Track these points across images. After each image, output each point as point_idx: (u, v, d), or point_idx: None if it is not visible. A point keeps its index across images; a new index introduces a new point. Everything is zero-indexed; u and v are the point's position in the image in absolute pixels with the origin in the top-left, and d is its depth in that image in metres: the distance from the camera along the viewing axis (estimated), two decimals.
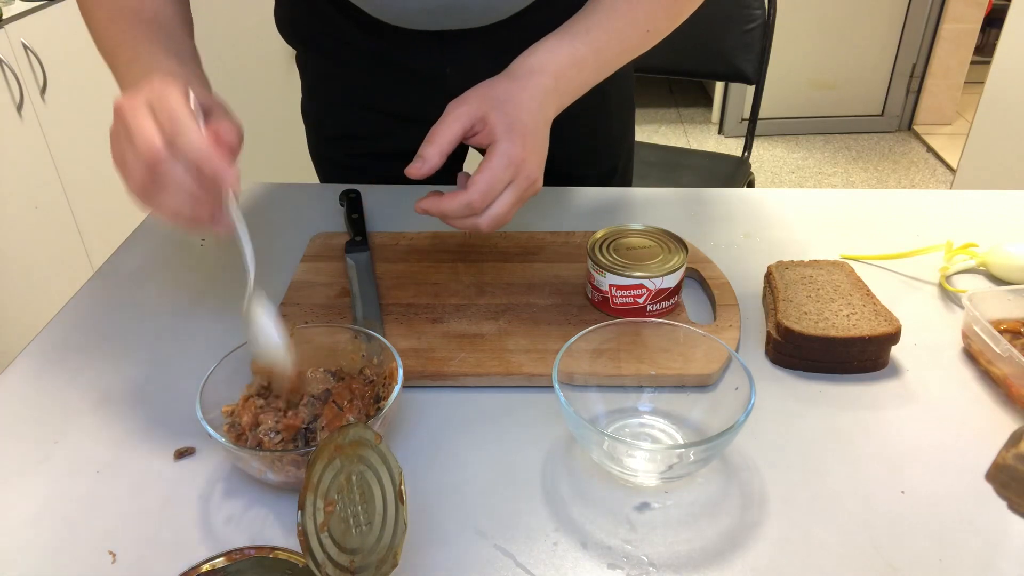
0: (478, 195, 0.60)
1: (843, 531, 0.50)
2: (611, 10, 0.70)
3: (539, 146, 0.64)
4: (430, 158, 0.61)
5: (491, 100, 0.63)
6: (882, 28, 3.20)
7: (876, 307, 0.65)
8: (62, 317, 0.73)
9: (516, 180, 0.62)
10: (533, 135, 0.63)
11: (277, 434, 0.54)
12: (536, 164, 0.63)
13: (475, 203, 0.60)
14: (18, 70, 1.83)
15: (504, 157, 0.61)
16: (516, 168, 0.61)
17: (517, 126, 0.62)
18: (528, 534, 0.50)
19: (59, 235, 2.01)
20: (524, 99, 0.64)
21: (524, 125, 0.62)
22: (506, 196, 0.62)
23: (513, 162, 0.61)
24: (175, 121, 0.53)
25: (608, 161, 1.02)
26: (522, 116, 0.63)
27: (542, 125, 0.65)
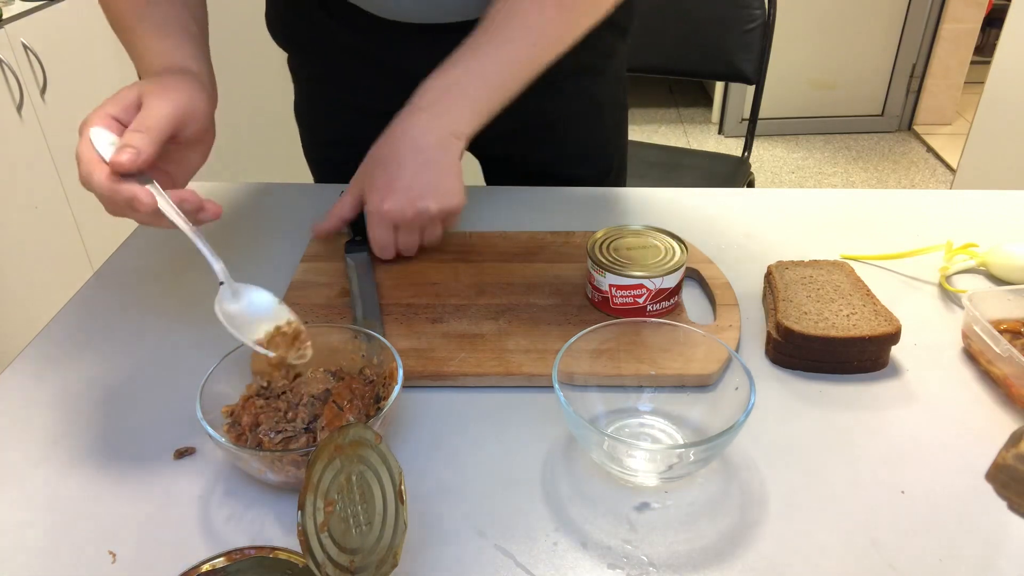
0: (378, 248, 0.74)
1: (843, 531, 0.50)
2: (497, 27, 0.74)
3: (410, 183, 0.71)
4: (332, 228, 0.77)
5: (361, 174, 0.75)
6: (882, 28, 3.20)
7: (876, 307, 0.65)
8: (62, 317, 0.73)
9: (402, 221, 0.72)
10: (398, 180, 0.71)
11: (277, 434, 0.54)
12: (407, 206, 0.71)
13: (382, 250, 0.74)
14: (18, 70, 1.83)
15: (372, 218, 0.73)
16: (386, 219, 0.72)
17: (376, 184, 0.72)
18: (528, 534, 0.50)
19: (59, 235, 2.01)
20: (386, 151, 0.73)
21: (385, 178, 0.72)
22: (402, 236, 0.74)
23: (378, 218, 0.72)
24: (81, 170, 0.59)
25: (602, 162, 1.02)
26: (380, 171, 0.72)
27: (413, 157, 0.72)
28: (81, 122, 0.61)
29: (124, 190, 0.57)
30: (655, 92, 3.87)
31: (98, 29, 2.12)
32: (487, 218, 0.87)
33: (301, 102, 1.01)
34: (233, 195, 0.94)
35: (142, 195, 0.57)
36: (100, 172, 0.58)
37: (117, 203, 0.58)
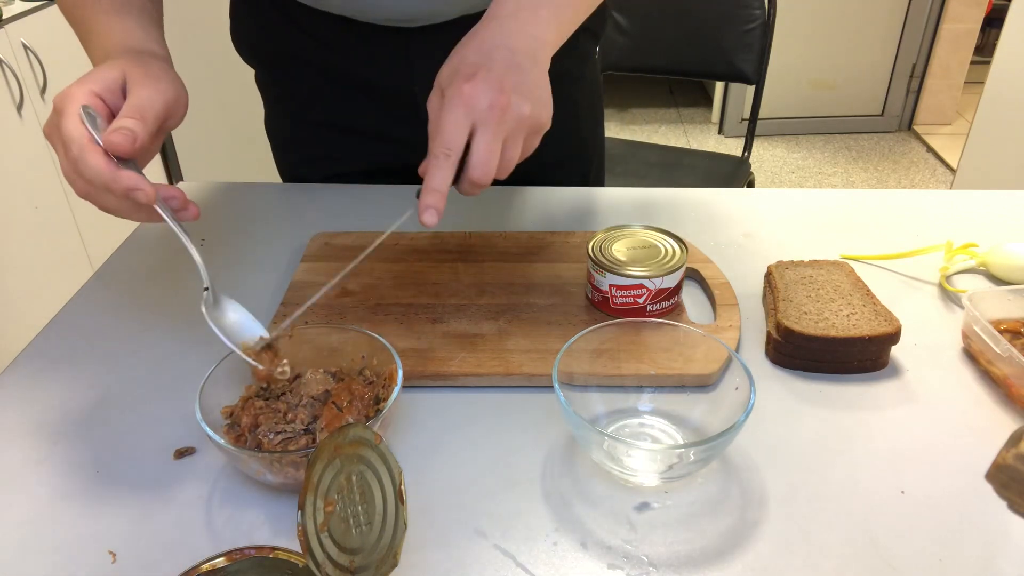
0: (440, 148, 0.55)
1: (843, 531, 0.50)
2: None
3: (503, 77, 0.56)
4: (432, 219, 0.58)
5: (441, 72, 0.60)
6: (882, 28, 3.20)
7: (876, 307, 0.65)
8: (62, 317, 0.73)
9: (480, 116, 0.55)
10: (487, 70, 0.56)
11: (277, 435, 0.54)
12: (499, 92, 0.55)
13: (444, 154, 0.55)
14: (18, 70, 1.83)
15: (448, 102, 0.56)
16: (467, 103, 0.55)
17: (462, 68, 0.57)
18: (528, 534, 0.50)
19: (59, 235, 2.01)
20: (470, 47, 0.59)
21: (472, 65, 0.57)
22: (481, 136, 0.56)
23: (457, 103, 0.55)
24: (70, 150, 0.54)
25: (579, 167, 1.01)
26: (467, 59, 0.58)
27: (505, 57, 0.58)
28: (58, 96, 0.56)
29: (125, 177, 0.53)
30: (655, 92, 3.87)
31: None
32: (487, 218, 0.87)
33: (270, 119, 0.98)
34: (233, 195, 0.94)
35: (145, 185, 0.54)
36: (96, 154, 0.53)
37: (113, 192, 0.54)
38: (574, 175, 0.99)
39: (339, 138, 0.94)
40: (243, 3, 0.89)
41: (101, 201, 0.56)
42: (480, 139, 0.56)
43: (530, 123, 0.58)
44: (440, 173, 0.56)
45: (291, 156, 1.00)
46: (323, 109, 0.92)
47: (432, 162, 0.56)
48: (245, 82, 0.97)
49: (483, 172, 0.56)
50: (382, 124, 0.91)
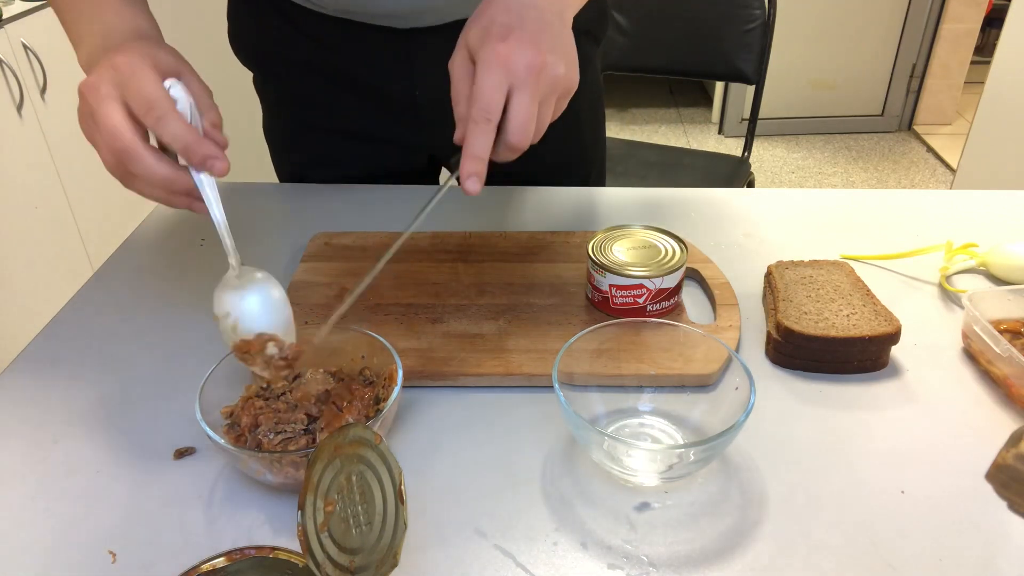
0: (480, 111, 0.53)
1: (843, 531, 0.50)
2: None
3: (537, 36, 0.55)
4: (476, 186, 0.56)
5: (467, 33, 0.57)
6: (882, 28, 3.20)
7: (876, 307, 0.65)
8: (62, 317, 0.73)
9: (518, 77, 0.53)
10: (519, 30, 0.54)
11: (276, 435, 0.54)
12: (535, 52, 0.54)
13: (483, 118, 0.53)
14: (18, 70, 1.83)
15: (483, 65, 0.54)
16: (504, 65, 0.53)
17: (493, 30, 0.55)
18: (528, 534, 0.50)
19: (59, 235, 2.01)
20: (498, 6, 0.57)
21: (502, 26, 0.55)
22: (519, 99, 0.54)
23: (493, 64, 0.53)
24: (154, 108, 0.53)
25: (580, 171, 1.01)
26: (497, 19, 0.56)
27: (534, 16, 0.56)
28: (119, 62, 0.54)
29: (207, 144, 0.53)
30: (655, 92, 3.87)
31: None
32: (487, 218, 0.87)
33: (269, 122, 0.98)
34: (233, 195, 0.94)
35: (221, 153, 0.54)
36: (180, 119, 0.53)
37: (195, 153, 0.53)
38: (575, 179, 0.99)
39: (339, 142, 0.94)
40: (242, 5, 0.89)
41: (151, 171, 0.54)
42: (518, 101, 0.54)
43: (564, 84, 0.56)
44: (482, 138, 0.54)
45: (290, 159, 0.99)
46: (323, 113, 0.91)
47: (472, 127, 0.54)
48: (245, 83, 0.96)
49: (522, 136, 0.54)
50: (383, 127, 0.91)
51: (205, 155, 0.53)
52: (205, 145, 0.54)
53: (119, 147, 0.53)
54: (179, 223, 0.88)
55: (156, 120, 0.53)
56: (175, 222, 0.88)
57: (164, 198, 0.56)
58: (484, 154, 0.54)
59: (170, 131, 0.53)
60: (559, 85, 0.56)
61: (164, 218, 0.89)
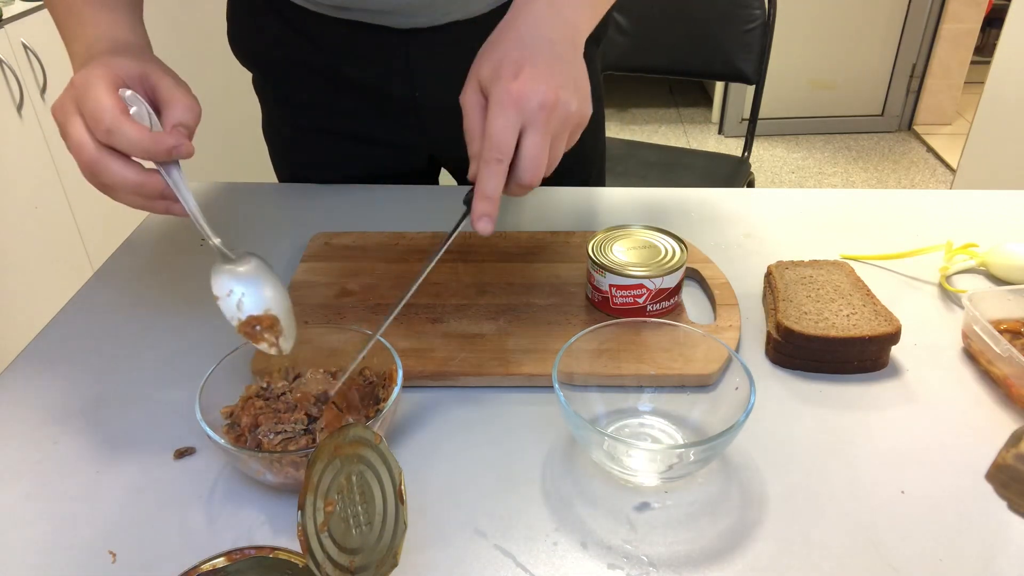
0: (493, 151, 0.53)
1: (843, 531, 0.50)
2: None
3: (549, 72, 0.55)
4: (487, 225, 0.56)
5: (479, 63, 0.58)
6: (882, 28, 3.20)
7: (876, 307, 0.65)
8: (62, 317, 0.73)
9: (530, 116, 0.54)
10: (531, 66, 0.55)
11: (276, 435, 0.54)
12: (548, 90, 0.54)
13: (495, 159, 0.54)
14: (18, 70, 1.83)
15: (495, 104, 0.54)
16: (516, 104, 0.53)
17: (505, 67, 0.55)
18: (528, 534, 0.50)
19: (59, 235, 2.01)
20: (510, 40, 0.57)
21: (514, 63, 0.55)
22: (531, 138, 0.54)
23: (506, 103, 0.53)
24: (102, 120, 0.53)
25: (579, 173, 1.00)
26: (509, 55, 0.56)
27: (551, 51, 0.57)
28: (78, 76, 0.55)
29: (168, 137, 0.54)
30: (655, 92, 3.87)
31: None
32: None
33: (268, 123, 0.98)
34: (233, 195, 0.94)
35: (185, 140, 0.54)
36: (133, 123, 0.53)
37: (155, 155, 0.54)
38: (575, 179, 0.99)
39: (338, 143, 0.94)
40: (240, 6, 0.89)
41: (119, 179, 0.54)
42: (530, 140, 0.54)
43: (576, 119, 0.57)
44: (493, 180, 0.54)
45: (289, 161, 0.99)
46: (322, 114, 0.91)
47: (484, 168, 0.54)
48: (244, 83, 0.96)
49: (534, 175, 0.55)
50: (382, 128, 0.91)
51: (168, 147, 0.54)
52: (163, 139, 0.54)
53: (86, 160, 0.54)
54: (179, 223, 0.88)
55: (106, 132, 0.53)
56: (175, 222, 0.88)
57: (142, 204, 0.57)
58: (496, 194, 0.54)
59: (123, 140, 0.53)
60: (571, 120, 0.56)
61: (164, 219, 0.89)
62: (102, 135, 0.53)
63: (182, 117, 0.56)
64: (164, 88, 0.57)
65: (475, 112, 0.56)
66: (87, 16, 0.63)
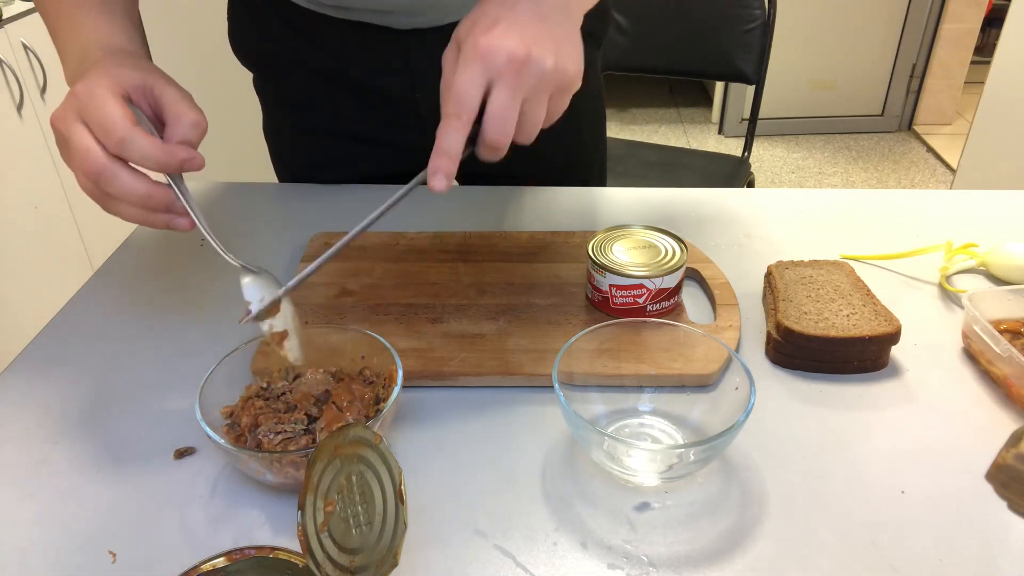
0: (452, 105, 0.51)
1: (843, 531, 0.50)
2: None
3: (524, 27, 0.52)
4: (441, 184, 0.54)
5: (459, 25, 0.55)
6: (882, 28, 3.20)
7: (876, 307, 0.65)
8: (62, 317, 0.73)
9: (496, 71, 0.50)
10: (507, 21, 0.52)
11: (276, 435, 0.54)
12: (518, 44, 0.50)
13: (455, 113, 0.51)
14: (18, 70, 1.83)
15: (463, 57, 0.51)
16: (483, 58, 0.50)
17: (480, 23, 0.52)
18: (528, 534, 0.50)
19: (59, 235, 2.01)
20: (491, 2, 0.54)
21: (491, 19, 0.52)
22: (496, 94, 0.51)
23: (475, 52, 0.50)
24: (114, 132, 0.52)
25: (581, 173, 1.00)
26: (490, 11, 0.53)
27: (530, 8, 0.53)
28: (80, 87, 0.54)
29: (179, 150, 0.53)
30: (655, 92, 3.87)
31: None
32: (487, 218, 0.87)
33: (269, 123, 0.98)
34: (233, 195, 0.94)
35: (196, 153, 0.53)
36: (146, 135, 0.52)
37: (169, 166, 0.53)
38: (576, 179, 0.99)
39: (338, 144, 0.94)
40: (241, 6, 0.89)
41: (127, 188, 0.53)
42: (496, 97, 0.51)
43: (555, 79, 0.52)
44: (452, 134, 0.51)
45: (289, 161, 0.99)
46: (322, 114, 0.91)
47: (443, 123, 0.51)
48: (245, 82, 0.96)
49: (499, 133, 0.51)
50: (382, 130, 0.91)
51: (181, 160, 0.53)
52: (176, 151, 0.53)
53: (93, 168, 0.52)
54: None
55: (118, 143, 0.52)
56: None
57: (143, 218, 0.55)
58: (454, 151, 0.52)
59: (137, 150, 0.52)
60: (548, 80, 0.52)
61: None
62: (113, 146, 0.52)
63: (188, 134, 0.55)
64: (169, 101, 0.56)
65: (448, 68, 0.53)
66: (79, 19, 0.62)
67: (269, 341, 0.56)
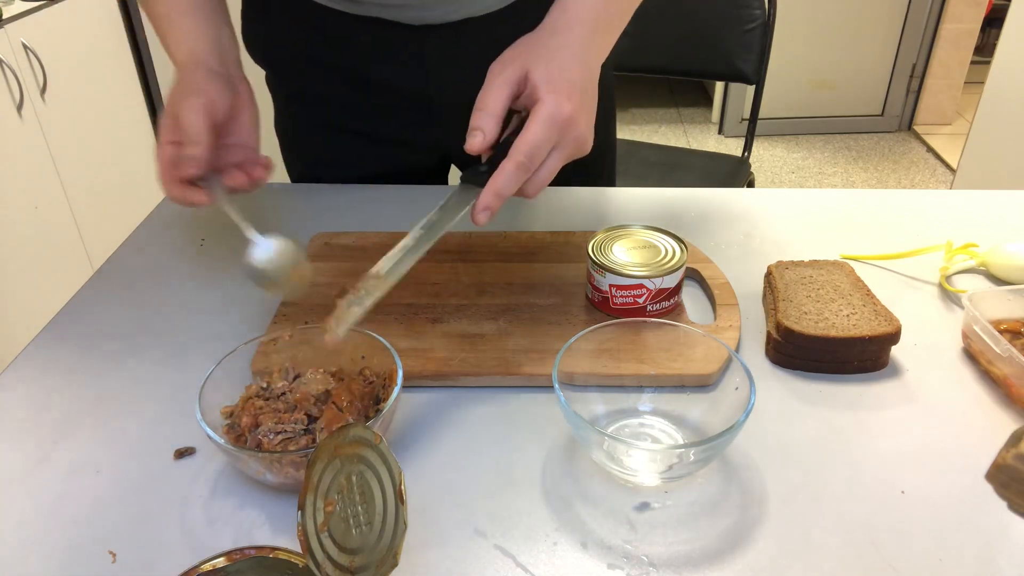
0: (525, 157, 0.56)
1: (843, 531, 0.50)
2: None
3: (587, 103, 0.60)
4: (488, 129, 0.58)
5: (531, 56, 0.60)
6: (882, 28, 3.20)
7: (876, 307, 0.65)
8: (62, 317, 0.73)
9: (563, 141, 0.58)
10: (580, 92, 0.59)
11: (276, 435, 0.54)
12: (585, 122, 0.59)
13: (523, 165, 0.56)
14: (18, 70, 1.83)
15: (547, 117, 0.57)
16: (561, 128, 0.57)
17: (560, 84, 0.58)
18: (528, 534, 0.50)
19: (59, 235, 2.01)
20: (565, 56, 0.60)
21: (568, 82, 0.58)
22: (552, 159, 0.58)
23: (557, 121, 0.57)
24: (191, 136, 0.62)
25: (593, 168, 1.00)
26: (565, 73, 0.59)
27: (588, 80, 0.61)
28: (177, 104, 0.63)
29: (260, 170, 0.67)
30: (655, 92, 3.87)
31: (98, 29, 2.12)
32: None
33: (281, 120, 0.98)
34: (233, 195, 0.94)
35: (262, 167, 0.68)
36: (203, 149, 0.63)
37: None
38: (587, 175, 0.99)
39: (350, 140, 0.94)
40: (254, 4, 0.89)
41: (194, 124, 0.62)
42: (552, 162, 0.58)
43: (582, 153, 0.61)
44: (512, 182, 0.57)
45: (301, 158, 0.99)
46: (334, 111, 0.91)
47: (509, 167, 0.56)
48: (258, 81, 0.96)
49: (537, 190, 0.59)
50: (395, 126, 0.91)
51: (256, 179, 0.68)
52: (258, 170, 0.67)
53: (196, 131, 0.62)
54: (179, 224, 0.88)
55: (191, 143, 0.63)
56: (175, 222, 0.88)
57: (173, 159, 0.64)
58: (506, 193, 0.57)
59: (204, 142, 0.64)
60: (580, 153, 0.61)
61: (164, 218, 0.89)
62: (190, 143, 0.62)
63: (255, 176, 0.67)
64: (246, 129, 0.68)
65: (500, 90, 0.58)
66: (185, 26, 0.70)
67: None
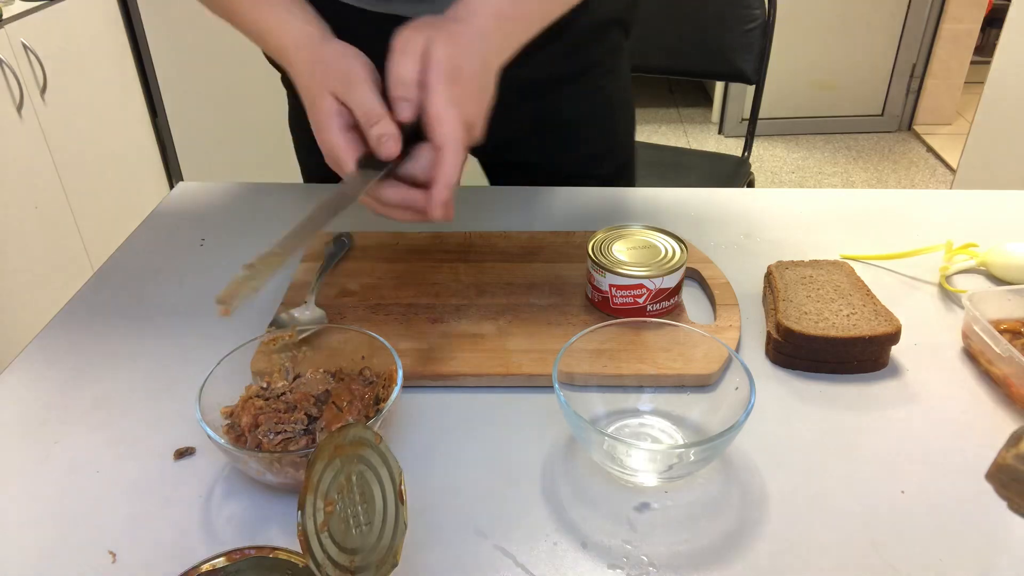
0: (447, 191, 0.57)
1: (843, 531, 0.50)
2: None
3: (480, 95, 0.60)
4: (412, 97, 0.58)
5: (434, 32, 0.59)
6: (882, 28, 3.20)
7: (876, 307, 0.65)
8: (62, 317, 0.73)
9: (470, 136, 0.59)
10: (471, 82, 0.59)
11: (276, 435, 0.54)
12: (477, 116, 0.59)
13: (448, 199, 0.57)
14: (18, 70, 1.83)
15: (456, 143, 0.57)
16: (469, 124, 0.58)
17: (460, 78, 0.58)
18: (528, 534, 0.50)
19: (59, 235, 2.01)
20: (463, 42, 0.59)
21: (467, 75, 0.58)
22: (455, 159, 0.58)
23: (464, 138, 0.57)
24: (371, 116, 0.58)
25: (614, 162, 1.01)
26: (464, 62, 0.58)
27: (482, 71, 0.60)
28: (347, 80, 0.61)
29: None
30: (655, 92, 3.87)
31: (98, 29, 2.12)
32: (487, 218, 0.87)
33: (295, 118, 0.98)
34: (233, 195, 0.94)
35: None
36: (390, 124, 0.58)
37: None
38: (610, 169, 0.99)
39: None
40: None
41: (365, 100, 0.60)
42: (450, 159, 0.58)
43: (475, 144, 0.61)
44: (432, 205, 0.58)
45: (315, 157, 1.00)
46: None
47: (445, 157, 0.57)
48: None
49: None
50: None
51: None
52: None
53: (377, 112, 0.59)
54: (179, 223, 0.88)
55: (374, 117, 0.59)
56: (175, 222, 0.88)
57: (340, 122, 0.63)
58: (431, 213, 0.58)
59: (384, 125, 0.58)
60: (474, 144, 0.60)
61: (164, 218, 0.89)
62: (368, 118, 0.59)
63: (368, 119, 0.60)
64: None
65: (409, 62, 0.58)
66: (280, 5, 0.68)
67: None
